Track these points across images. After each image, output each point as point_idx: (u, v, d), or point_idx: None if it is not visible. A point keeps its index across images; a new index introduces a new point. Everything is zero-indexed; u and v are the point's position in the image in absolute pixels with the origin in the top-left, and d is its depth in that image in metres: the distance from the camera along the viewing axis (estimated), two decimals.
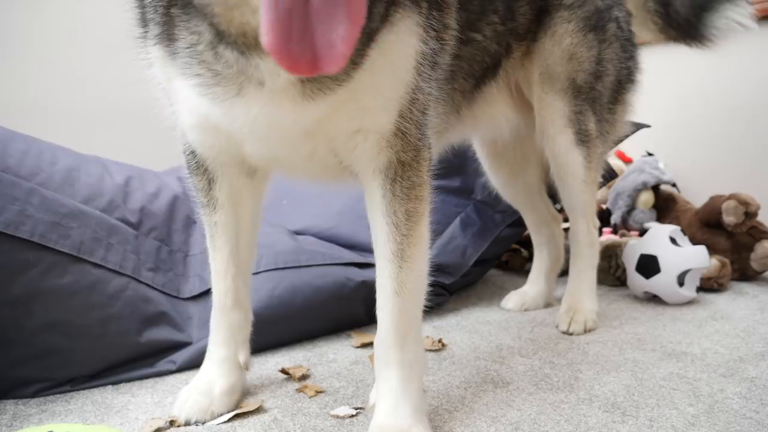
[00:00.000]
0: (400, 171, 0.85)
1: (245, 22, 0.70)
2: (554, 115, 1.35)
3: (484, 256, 1.71)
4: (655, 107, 1.63)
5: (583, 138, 1.36)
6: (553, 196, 1.65)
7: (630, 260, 1.62)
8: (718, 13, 1.50)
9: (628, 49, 1.42)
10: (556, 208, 1.70)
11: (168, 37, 0.78)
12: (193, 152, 0.96)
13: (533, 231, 1.66)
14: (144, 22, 0.83)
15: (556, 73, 1.34)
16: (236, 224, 1.00)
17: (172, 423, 0.93)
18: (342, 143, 0.84)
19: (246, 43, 0.72)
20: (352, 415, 0.96)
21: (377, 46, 0.76)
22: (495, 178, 1.62)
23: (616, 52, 1.39)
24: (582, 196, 1.42)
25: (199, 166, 0.96)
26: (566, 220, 1.75)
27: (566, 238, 1.68)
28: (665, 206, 2.07)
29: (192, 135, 0.90)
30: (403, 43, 0.80)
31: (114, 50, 0.95)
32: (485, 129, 1.45)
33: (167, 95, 0.88)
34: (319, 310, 1.34)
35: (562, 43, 1.33)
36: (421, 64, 0.83)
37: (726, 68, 2.13)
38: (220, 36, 0.73)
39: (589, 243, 1.47)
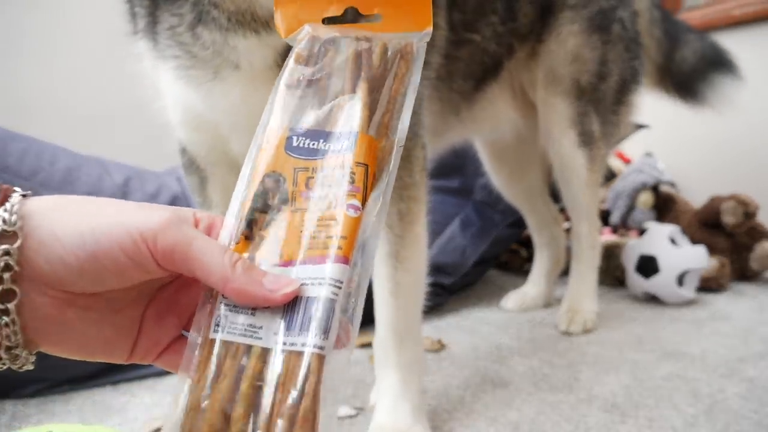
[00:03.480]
0: None
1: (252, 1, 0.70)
2: (558, 117, 1.35)
3: (483, 257, 1.71)
4: (655, 107, 1.63)
5: (586, 140, 1.36)
6: (554, 195, 1.65)
7: (629, 260, 1.62)
8: (726, 76, 1.49)
9: (633, 49, 1.41)
10: (557, 208, 1.69)
11: (152, 25, 0.78)
12: (184, 149, 0.95)
13: (535, 232, 1.66)
14: (132, 16, 0.83)
15: (560, 75, 1.33)
16: None
17: None
18: None
19: (240, 21, 0.71)
20: (352, 415, 0.96)
21: None
22: (497, 178, 1.62)
23: (621, 53, 1.38)
24: (584, 198, 1.41)
25: (191, 164, 0.96)
26: (567, 219, 1.75)
27: (567, 238, 1.68)
28: (665, 206, 2.07)
29: (180, 131, 0.90)
30: None
31: (113, 50, 0.95)
32: (487, 130, 1.44)
33: (155, 90, 0.88)
34: None
35: (567, 44, 1.32)
36: None
37: None
38: (200, 16, 0.73)
39: (590, 245, 1.46)
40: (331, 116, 0.42)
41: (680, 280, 1.54)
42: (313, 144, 0.41)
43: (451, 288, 1.62)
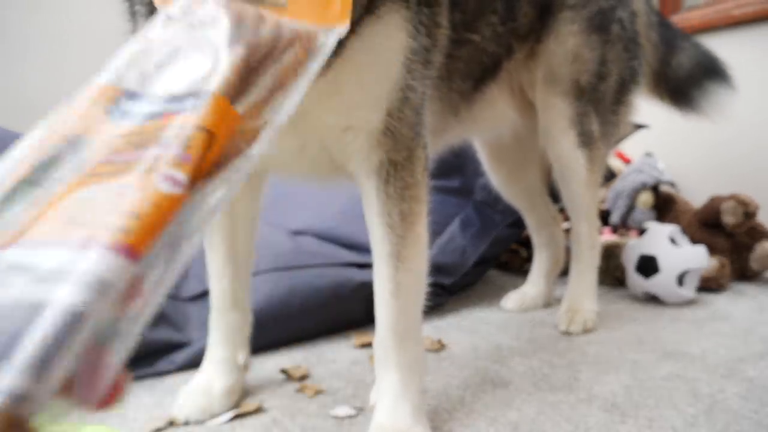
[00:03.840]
0: (393, 171, 0.84)
1: None
2: (557, 117, 1.35)
3: (483, 257, 1.71)
4: (655, 107, 1.63)
5: (586, 140, 1.36)
6: (554, 195, 1.65)
7: (629, 260, 1.62)
8: (720, 86, 1.49)
9: (632, 49, 1.41)
10: (557, 208, 1.69)
11: None
12: None
13: (533, 232, 1.66)
14: (132, 15, 0.83)
15: (560, 75, 1.33)
16: (233, 224, 1.00)
17: (171, 423, 0.93)
18: (333, 141, 0.84)
19: None
20: (352, 415, 0.96)
21: (359, 38, 0.75)
22: (495, 178, 1.62)
23: (620, 53, 1.38)
24: (584, 198, 1.42)
25: None
26: (566, 219, 1.75)
27: (566, 238, 1.68)
28: (665, 206, 2.07)
29: None
30: (389, 38, 0.78)
31: (113, 50, 0.94)
32: (486, 130, 1.44)
33: None
34: (318, 311, 1.34)
35: (566, 44, 1.32)
36: (410, 61, 0.81)
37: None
38: None
39: (590, 245, 1.46)
40: (182, 70, 0.32)
41: (680, 280, 1.54)
42: (147, 107, 0.30)
43: (451, 288, 1.62)
